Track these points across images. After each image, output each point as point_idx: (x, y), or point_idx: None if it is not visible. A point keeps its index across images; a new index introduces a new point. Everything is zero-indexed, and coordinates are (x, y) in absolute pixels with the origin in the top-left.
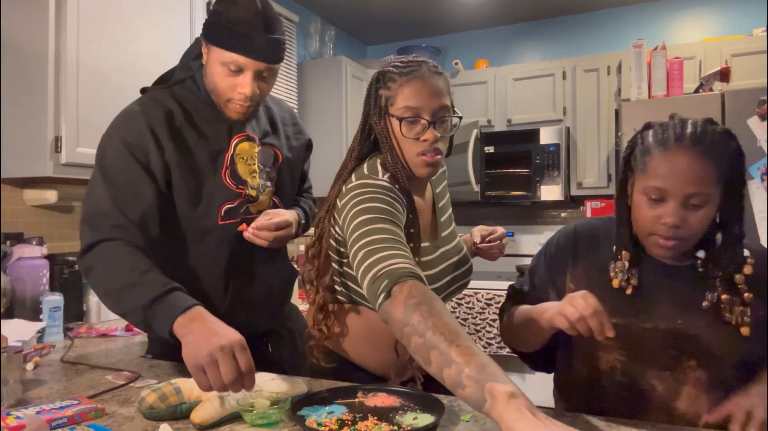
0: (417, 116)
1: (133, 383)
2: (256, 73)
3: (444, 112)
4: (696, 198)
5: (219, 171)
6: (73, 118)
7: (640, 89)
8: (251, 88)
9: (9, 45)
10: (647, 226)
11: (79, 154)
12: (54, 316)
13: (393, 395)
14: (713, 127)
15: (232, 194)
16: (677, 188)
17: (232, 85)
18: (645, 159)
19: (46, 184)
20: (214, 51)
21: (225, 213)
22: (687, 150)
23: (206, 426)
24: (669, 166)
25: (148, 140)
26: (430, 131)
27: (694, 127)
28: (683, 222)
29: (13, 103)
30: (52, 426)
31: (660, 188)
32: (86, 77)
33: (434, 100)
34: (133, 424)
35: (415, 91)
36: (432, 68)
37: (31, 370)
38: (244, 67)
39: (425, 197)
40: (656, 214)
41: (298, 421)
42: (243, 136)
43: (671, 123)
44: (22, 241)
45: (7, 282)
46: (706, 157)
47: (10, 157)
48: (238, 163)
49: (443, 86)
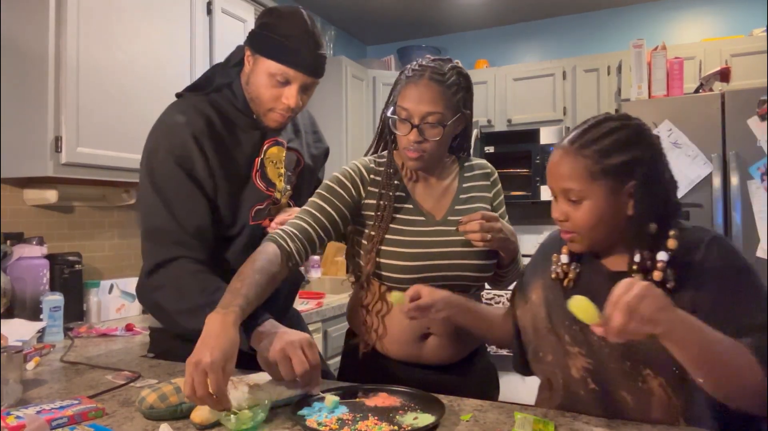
0: (407, 118)
1: (133, 383)
2: (302, 86)
3: (432, 118)
4: (572, 193)
5: (251, 174)
6: (73, 118)
7: (640, 89)
8: (296, 100)
9: (9, 45)
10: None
11: (79, 153)
12: (54, 316)
13: (393, 395)
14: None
15: (262, 196)
16: (552, 184)
17: (277, 95)
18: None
19: (46, 184)
20: (262, 62)
21: (255, 214)
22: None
23: (206, 426)
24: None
25: (194, 151)
26: (413, 132)
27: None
28: (566, 216)
29: (13, 103)
30: (53, 425)
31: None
32: (86, 77)
33: (422, 106)
34: (133, 424)
35: (409, 95)
36: (434, 75)
37: (31, 370)
38: (292, 79)
39: (444, 180)
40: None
41: (298, 421)
42: (273, 140)
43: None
44: (22, 241)
45: (7, 282)
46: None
47: (10, 156)
48: (267, 166)
49: (438, 93)
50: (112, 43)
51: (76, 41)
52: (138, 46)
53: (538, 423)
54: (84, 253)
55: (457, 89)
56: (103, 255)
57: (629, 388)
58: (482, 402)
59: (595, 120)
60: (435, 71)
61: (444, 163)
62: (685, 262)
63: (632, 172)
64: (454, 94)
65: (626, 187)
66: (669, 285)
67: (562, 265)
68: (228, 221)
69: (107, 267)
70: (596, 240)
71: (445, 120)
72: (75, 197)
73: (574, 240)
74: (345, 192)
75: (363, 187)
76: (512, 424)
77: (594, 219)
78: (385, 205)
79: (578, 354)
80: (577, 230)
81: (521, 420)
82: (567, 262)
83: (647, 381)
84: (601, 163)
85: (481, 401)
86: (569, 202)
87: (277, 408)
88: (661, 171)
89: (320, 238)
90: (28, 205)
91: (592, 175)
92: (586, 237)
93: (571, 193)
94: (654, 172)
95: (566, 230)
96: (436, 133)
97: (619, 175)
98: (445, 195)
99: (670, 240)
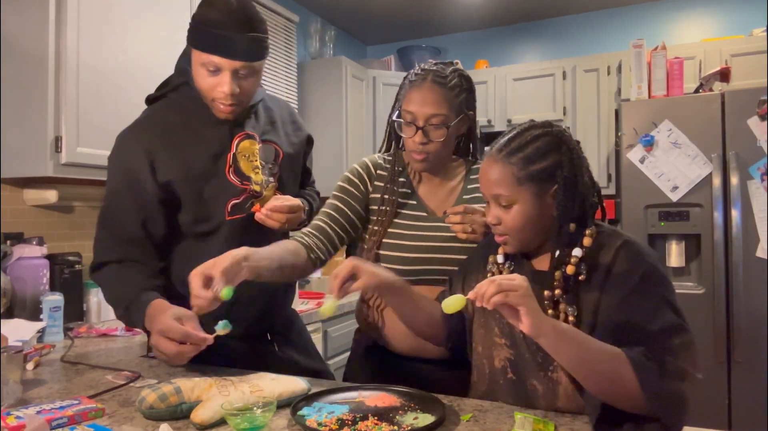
0: (411, 120)
1: (133, 383)
2: (234, 72)
3: (436, 119)
4: (502, 199)
5: (222, 170)
6: (73, 118)
7: (640, 89)
8: (229, 87)
9: (9, 45)
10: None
11: (79, 153)
12: (54, 316)
13: (393, 395)
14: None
15: (237, 190)
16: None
17: (213, 84)
18: None
19: (46, 184)
20: (195, 53)
21: (231, 208)
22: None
23: (206, 426)
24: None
25: (143, 165)
26: (418, 134)
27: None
28: (498, 220)
29: (13, 103)
30: (53, 425)
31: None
32: (86, 77)
33: (426, 108)
34: (133, 424)
35: (413, 99)
36: (436, 77)
37: (31, 370)
38: (220, 66)
39: (449, 181)
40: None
41: (298, 421)
42: (243, 134)
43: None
44: (22, 241)
45: (7, 282)
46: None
47: (10, 157)
48: (240, 160)
49: (441, 95)
50: (112, 43)
51: (76, 41)
52: (138, 47)
53: (538, 423)
54: (84, 253)
55: (459, 91)
56: None
57: (539, 377)
58: (482, 402)
59: (521, 128)
60: (437, 74)
61: (449, 165)
62: (595, 263)
63: (554, 176)
64: (456, 95)
65: (550, 190)
66: (581, 278)
67: (498, 265)
68: (201, 218)
69: None
70: (526, 241)
71: (449, 121)
72: (75, 197)
73: (507, 242)
74: (354, 188)
75: (370, 181)
76: (512, 424)
77: (523, 222)
78: (390, 199)
79: (503, 345)
80: (509, 232)
81: (521, 420)
82: (502, 262)
83: (556, 370)
84: (526, 169)
85: (481, 401)
86: (500, 206)
87: (277, 408)
88: (581, 174)
89: (339, 236)
90: (28, 205)
91: (519, 180)
92: (516, 238)
93: (501, 198)
94: (573, 175)
95: (499, 233)
96: (440, 134)
97: (543, 179)
98: (449, 195)
99: (585, 238)
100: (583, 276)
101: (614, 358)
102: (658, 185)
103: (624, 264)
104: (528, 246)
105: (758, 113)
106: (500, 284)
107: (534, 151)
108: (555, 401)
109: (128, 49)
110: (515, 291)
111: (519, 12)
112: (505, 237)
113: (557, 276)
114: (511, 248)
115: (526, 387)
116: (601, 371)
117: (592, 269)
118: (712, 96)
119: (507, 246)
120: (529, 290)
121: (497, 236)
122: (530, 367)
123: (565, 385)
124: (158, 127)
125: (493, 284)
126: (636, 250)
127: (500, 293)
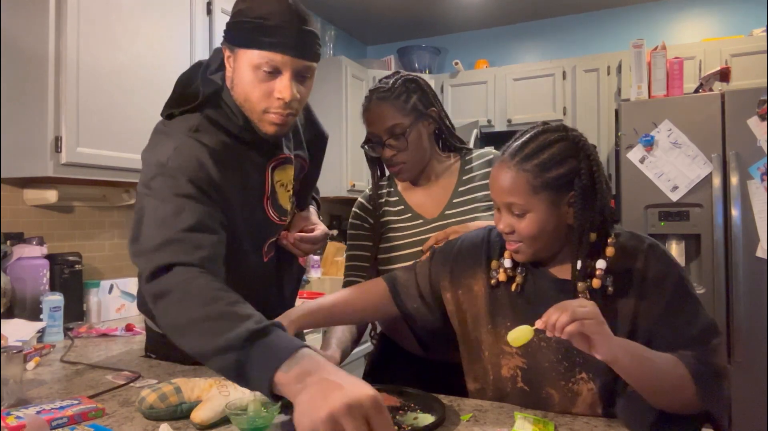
0: (376, 141)
1: (133, 383)
2: (295, 73)
3: (393, 131)
4: (515, 207)
5: (261, 201)
6: (73, 118)
7: (640, 89)
8: (290, 92)
9: (9, 45)
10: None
11: (79, 153)
12: (54, 316)
13: (393, 395)
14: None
15: (275, 228)
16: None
17: (268, 91)
18: None
19: (46, 184)
20: (243, 54)
21: (268, 248)
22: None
23: (206, 426)
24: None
25: (205, 173)
26: (385, 151)
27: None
28: (511, 228)
29: (13, 103)
30: (53, 425)
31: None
32: (86, 77)
33: (379, 125)
34: (133, 424)
35: (368, 121)
36: (379, 94)
37: (31, 370)
38: (281, 66)
39: (441, 179)
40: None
41: None
42: (281, 159)
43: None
44: (22, 241)
45: (7, 282)
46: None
47: (10, 157)
48: (278, 191)
49: (388, 107)
50: (112, 43)
51: (76, 41)
52: (138, 46)
53: (538, 423)
54: (84, 253)
55: (407, 96)
56: (103, 255)
57: (558, 387)
58: (482, 402)
59: (535, 131)
60: (378, 90)
61: (438, 164)
62: (625, 269)
63: (571, 184)
64: (405, 101)
65: (566, 198)
66: (609, 292)
67: (506, 270)
68: (239, 252)
69: (107, 267)
70: (540, 249)
71: (405, 127)
72: (75, 197)
73: (519, 251)
74: (361, 230)
75: (369, 215)
76: (512, 424)
77: (537, 231)
78: (378, 222)
79: (515, 354)
80: (522, 241)
81: (521, 420)
82: (510, 266)
83: (578, 383)
84: (541, 177)
85: (481, 401)
86: (513, 215)
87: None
88: (600, 181)
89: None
90: (28, 205)
91: (534, 189)
92: (530, 247)
93: (515, 207)
94: (591, 182)
95: (512, 241)
96: (402, 143)
97: (559, 187)
98: (444, 193)
99: (608, 248)
100: (611, 289)
101: (674, 368)
102: (658, 185)
103: (657, 269)
104: (541, 254)
105: (758, 113)
106: (574, 312)
107: (549, 158)
108: (570, 409)
109: (128, 49)
110: (591, 320)
111: (519, 12)
112: (518, 245)
113: (581, 288)
114: (524, 257)
115: (540, 395)
116: (663, 382)
117: (620, 277)
118: (712, 96)
119: (519, 254)
120: (600, 315)
121: (509, 244)
122: (548, 377)
123: (584, 396)
124: (206, 142)
125: (566, 313)
126: (662, 252)
127: (575, 322)
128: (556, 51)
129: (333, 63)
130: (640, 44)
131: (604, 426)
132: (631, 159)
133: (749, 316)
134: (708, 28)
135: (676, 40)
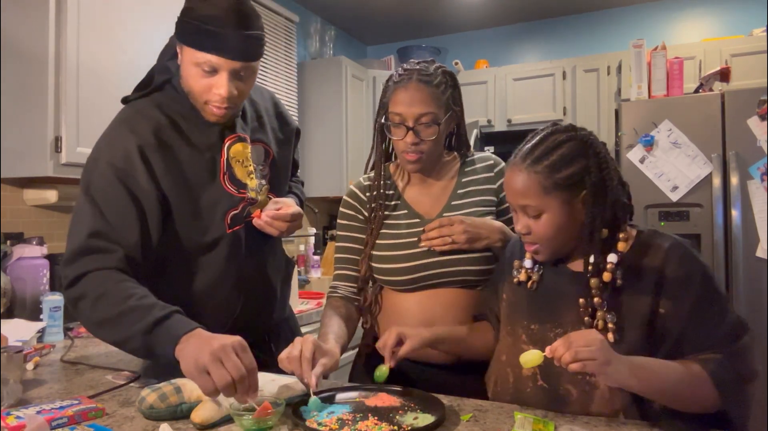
0: (401, 121)
1: (133, 383)
2: (232, 73)
3: (426, 118)
4: (530, 209)
5: (217, 177)
6: (73, 118)
7: (640, 89)
8: (227, 89)
9: (9, 45)
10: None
11: (79, 154)
12: (54, 316)
13: (393, 395)
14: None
15: (235, 200)
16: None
17: (208, 86)
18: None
19: (46, 184)
20: (187, 51)
21: (231, 220)
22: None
23: (206, 426)
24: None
25: (137, 164)
26: (409, 135)
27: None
28: (528, 230)
29: (13, 103)
30: (53, 425)
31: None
32: (86, 77)
33: (415, 108)
34: (133, 424)
35: (400, 100)
36: (421, 76)
37: (31, 370)
38: (218, 67)
39: (442, 179)
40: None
41: (298, 421)
42: (234, 137)
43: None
44: (22, 241)
45: (7, 282)
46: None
47: (10, 157)
48: (234, 166)
49: (428, 93)
50: (112, 43)
51: (76, 41)
52: (138, 46)
53: (538, 423)
54: None
55: (445, 87)
56: None
57: (576, 382)
58: (482, 402)
59: (544, 133)
60: (422, 73)
61: (442, 162)
62: (641, 265)
63: (582, 182)
64: (443, 92)
65: (580, 196)
66: (617, 284)
67: (525, 270)
68: (197, 231)
69: None
70: (558, 248)
71: (439, 119)
72: (75, 197)
73: (538, 252)
74: (352, 220)
75: (362, 206)
76: (512, 424)
77: (553, 230)
78: (376, 215)
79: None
80: (540, 241)
81: (521, 420)
82: (530, 267)
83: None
84: (552, 178)
85: (481, 401)
86: (529, 216)
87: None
88: (610, 177)
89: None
90: (28, 205)
91: (546, 189)
92: (548, 247)
93: (529, 209)
94: (601, 179)
95: (530, 242)
96: (431, 132)
97: (571, 186)
98: (442, 193)
99: (620, 242)
100: (620, 281)
101: (694, 378)
102: (658, 185)
103: (680, 268)
104: (560, 253)
105: (758, 113)
106: (577, 353)
107: (559, 158)
108: (589, 405)
109: (128, 49)
110: (593, 360)
111: (519, 12)
112: (536, 246)
113: (594, 284)
114: (543, 257)
115: (559, 392)
116: (682, 392)
117: (634, 273)
118: (712, 96)
119: (539, 255)
120: (606, 354)
121: (527, 245)
122: (565, 372)
123: (602, 390)
124: (148, 125)
125: (570, 351)
126: (687, 251)
127: (577, 363)
128: (556, 51)
129: (333, 63)
130: (640, 44)
131: (604, 426)
132: (631, 159)
133: (749, 316)
134: (708, 28)
135: (676, 40)
